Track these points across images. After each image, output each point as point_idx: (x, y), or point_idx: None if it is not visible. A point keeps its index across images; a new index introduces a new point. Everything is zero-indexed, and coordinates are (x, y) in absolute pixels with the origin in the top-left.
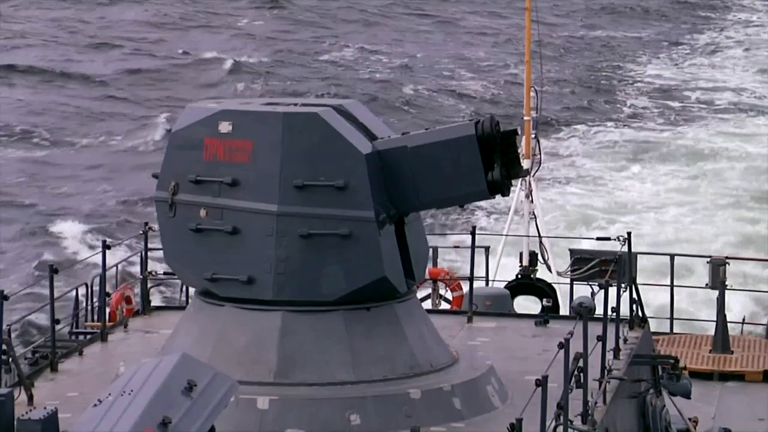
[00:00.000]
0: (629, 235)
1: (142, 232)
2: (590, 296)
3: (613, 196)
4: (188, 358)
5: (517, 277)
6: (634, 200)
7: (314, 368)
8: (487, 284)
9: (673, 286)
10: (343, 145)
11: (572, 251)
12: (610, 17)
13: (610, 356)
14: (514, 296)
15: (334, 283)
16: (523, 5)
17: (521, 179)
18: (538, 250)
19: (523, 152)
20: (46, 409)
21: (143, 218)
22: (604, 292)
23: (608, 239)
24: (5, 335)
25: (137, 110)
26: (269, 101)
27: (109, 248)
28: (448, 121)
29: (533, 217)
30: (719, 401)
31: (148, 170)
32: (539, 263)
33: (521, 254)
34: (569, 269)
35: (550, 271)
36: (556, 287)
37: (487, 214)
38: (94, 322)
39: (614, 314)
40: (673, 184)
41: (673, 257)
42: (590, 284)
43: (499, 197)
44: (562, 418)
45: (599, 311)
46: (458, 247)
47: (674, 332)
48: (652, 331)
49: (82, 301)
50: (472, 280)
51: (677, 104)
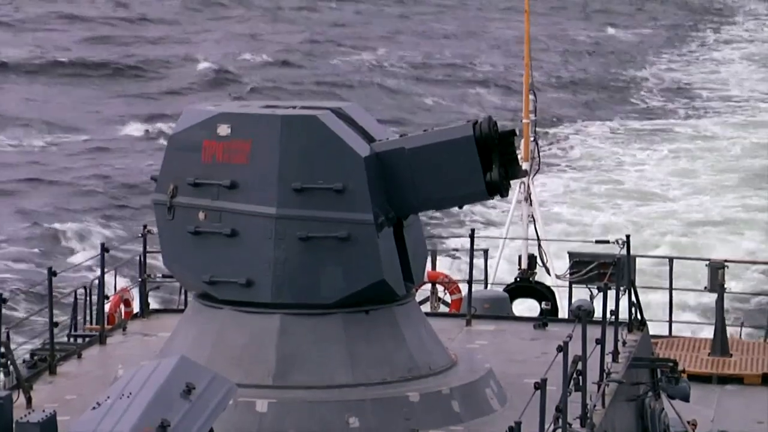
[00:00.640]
0: (628, 238)
1: (140, 234)
2: (589, 299)
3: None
4: (187, 360)
5: (515, 280)
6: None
7: (313, 371)
8: (485, 287)
9: (671, 289)
10: (341, 147)
11: (571, 254)
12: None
13: (608, 359)
14: (512, 299)
15: (332, 285)
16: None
17: (520, 182)
18: (536, 253)
19: (522, 155)
20: (44, 411)
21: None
22: (602, 295)
23: (607, 242)
24: (4, 338)
25: None
26: (268, 104)
27: (107, 251)
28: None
29: (532, 220)
30: (718, 404)
31: None
32: (538, 266)
33: (520, 257)
34: (568, 272)
35: (548, 274)
36: (554, 290)
37: (485, 222)
38: (92, 324)
39: (613, 317)
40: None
41: (671, 260)
42: (589, 287)
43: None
44: (560, 421)
45: (598, 314)
46: (457, 250)
47: (673, 335)
48: (650, 334)
49: (80, 303)
50: (470, 283)
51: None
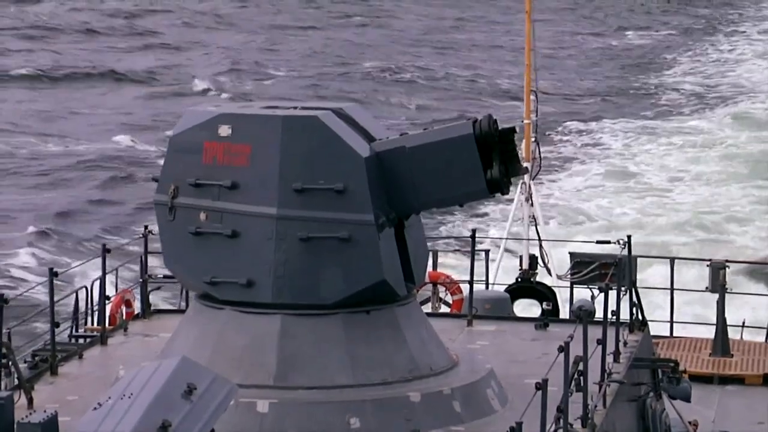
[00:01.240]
0: (629, 238)
1: (142, 235)
2: (590, 299)
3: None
4: (188, 361)
5: (517, 280)
6: None
7: (314, 371)
8: (487, 288)
9: (673, 289)
10: (342, 148)
11: (572, 254)
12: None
13: (610, 360)
14: (514, 300)
15: (333, 286)
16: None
17: (521, 183)
18: (537, 253)
19: (523, 155)
20: (45, 412)
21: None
22: (604, 295)
23: (608, 242)
24: (5, 339)
25: None
26: (269, 104)
27: (109, 251)
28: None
29: (533, 220)
30: (719, 405)
31: None
32: (539, 266)
33: (521, 258)
34: (569, 272)
35: (550, 274)
36: (556, 291)
37: (488, 219)
38: (94, 325)
39: (614, 317)
40: None
41: (672, 260)
42: (590, 287)
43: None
44: (561, 421)
45: (599, 315)
46: (458, 250)
47: (674, 336)
48: (651, 334)
49: (81, 304)
50: (472, 283)
51: None
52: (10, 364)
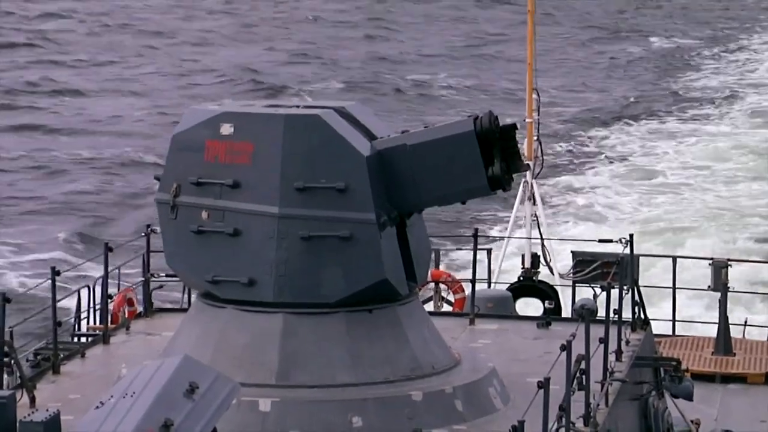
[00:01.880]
0: (631, 237)
1: (144, 234)
2: (592, 298)
3: None
4: (190, 360)
5: (519, 279)
6: None
7: (316, 370)
8: (489, 286)
9: (675, 288)
10: (343, 147)
11: (574, 253)
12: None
13: (612, 358)
14: (516, 298)
15: (334, 285)
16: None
17: (523, 181)
18: (540, 252)
19: (525, 154)
20: (48, 411)
21: None
22: (606, 294)
23: (610, 241)
24: (7, 337)
25: None
26: (271, 103)
27: (111, 250)
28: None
29: (535, 219)
30: (721, 403)
31: None
32: (541, 265)
33: (523, 256)
34: (571, 271)
35: (552, 273)
36: (558, 289)
37: (492, 219)
38: (96, 324)
39: (616, 316)
40: None
41: (675, 259)
42: (592, 286)
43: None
44: (564, 420)
45: (601, 313)
46: (460, 249)
47: (676, 334)
48: (654, 333)
49: (84, 303)
50: (474, 282)
51: None
52: (12, 362)
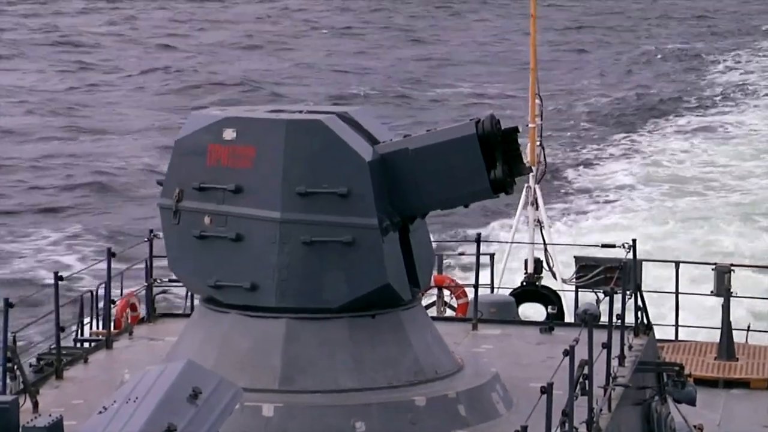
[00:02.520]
0: (634, 242)
1: (147, 239)
2: (595, 303)
3: None
4: (193, 365)
5: (522, 284)
6: None
7: (319, 375)
8: (492, 291)
9: (678, 293)
10: (346, 152)
11: (577, 258)
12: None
13: (615, 363)
14: (519, 303)
15: (336, 290)
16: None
17: (526, 186)
18: (543, 257)
19: (528, 160)
20: (51, 416)
21: None
22: (609, 299)
23: (613, 246)
24: (10, 342)
25: None
26: (274, 108)
27: (114, 255)
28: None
29: (538, 224)
30: (724, 408)
31: None
32: (544, 270)
33: (526, 261)
34: (574, 276)
35: (555, 278)
36: (561, 294)
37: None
38: (99, 329)
39: (619, 321)
40: None
41: (678, 264)
42: (595, 291)
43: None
44: (567, 425)
45: (604, 318)
46: (463, 254)
47: (679, 339)
48: (656, 338)
49: (87, 308)
50: (477, 287)
51: None
52: (15, 367)
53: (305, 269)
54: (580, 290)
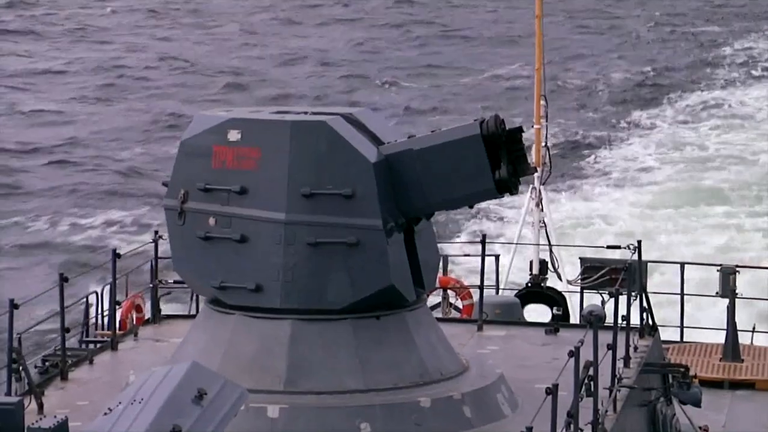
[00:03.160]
0: (639, 243)
1: (152, 240)
2: (600, 305)
3: None
4: (198, 366)
5: (527, 285)
6: None
7: (324, 376)
8: (497, 293)
9: (683, 294)
10: (350, 153)
11: (582, 259)
12: None
13: (620, 365)
14: (524, 304)
15: (341, 291)
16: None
17: (531, 187)
18: (548, 258)
19: (533, 161)
20: (56, 417)
21: None
22: (614, 300)
23: (618, 247)
24: (15, 344)
25: None
26: (279, 109)
27: (119, 257)
28: None
29: (543, 225)
30: (729, 410)
31: None
32: (549, 271)
33: (531, 263)
34: (579, 278)
35: (560, 279)
36: (566, 296)
37: (498, 219)
38: (104, 330)
39: (624, 323)
40: None
41: (683, 265)
42: (600, 293)
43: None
44: (572, 426)
45: (609, 320)
46: (468, 255)
47: (684, 341)
48: (662, 339)
49: (92, 309)
50: (482, 288)
51: None
52: (20, 369)
53: (310, 270)
54: (585, 291)
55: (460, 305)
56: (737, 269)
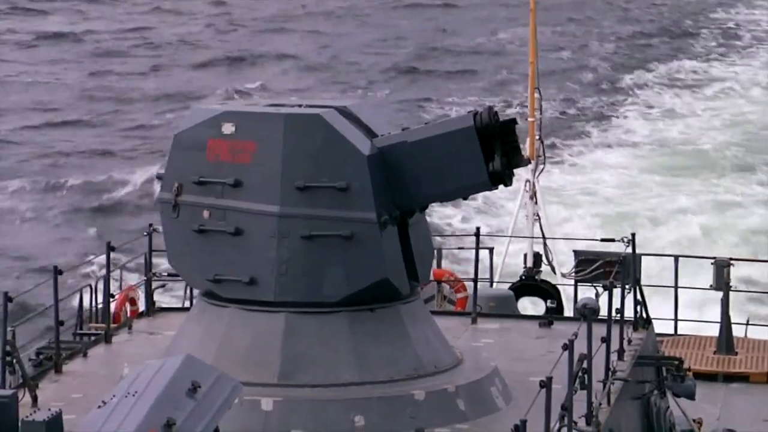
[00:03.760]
0: (633, 236)
1: (146, 233)
2: (594, 297)
3: None
4: (192, 359)
5: (521, 278)
6: None
7: (318, 369)
8: (491, 286)
9: (677, 287)
10: (344, 146)
11: (576, 252)
12: None
13: (614, 357)
14: (518, 297)
15: (335, 284)
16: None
17: (526, 180)
18: (542, 251)
19: (527, 154)
20: (50, 410)
21: None
22: (608, 293)
23: (612, 240)
24: (9, 337)
25: None
26: (274, 102)
27: (113, 249)
28: None
29: (537, 218)
30: (724, 402)
31: None
32: (543, 264)
33: (525, 255)
34: (573, 270)
35: (554, 272)
36: (560, 288)
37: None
38: (98, 323)
39: (618, 315)
40: None
41: (677, 258)
42: (594, 285)
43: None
44: (566, 419)
45: (603, 312)
46: (462, 248)
47: (678, 333)
48: (656, 332)
49: (86, 302)
50: (476, 281)
51: None
52: (14, 362)
53: (304, 263)
54: (579, 284)
55: (454, 298)
56: (731, 262)
